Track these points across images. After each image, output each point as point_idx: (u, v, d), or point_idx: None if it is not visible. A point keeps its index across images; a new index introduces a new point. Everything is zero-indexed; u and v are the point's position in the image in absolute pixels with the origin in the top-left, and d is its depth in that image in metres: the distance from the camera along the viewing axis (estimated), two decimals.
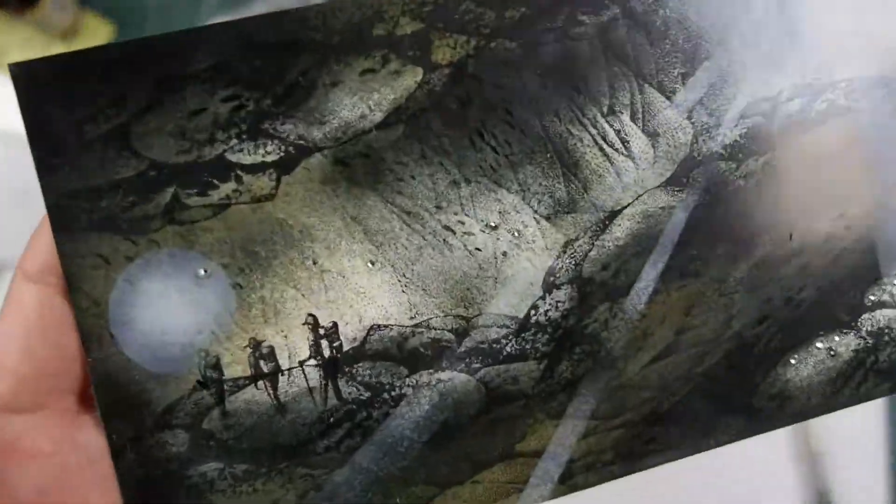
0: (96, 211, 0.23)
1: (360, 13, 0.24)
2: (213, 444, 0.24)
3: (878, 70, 0.29)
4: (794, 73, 0.28)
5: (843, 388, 0.29)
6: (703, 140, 0.27)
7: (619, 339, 0.27)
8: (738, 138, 0.27)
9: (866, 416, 0.61)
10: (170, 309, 0.24)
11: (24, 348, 0.23)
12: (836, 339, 0.29)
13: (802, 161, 0.28)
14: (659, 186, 0.27)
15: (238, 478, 0.25)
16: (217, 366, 0.24)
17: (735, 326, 0.28)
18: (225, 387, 0.24)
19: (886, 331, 0.29)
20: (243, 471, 0.25)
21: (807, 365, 0.29)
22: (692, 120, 0.27)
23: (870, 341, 0.29)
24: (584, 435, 0.27)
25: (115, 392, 0.24)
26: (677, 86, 0.27)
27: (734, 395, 0.28)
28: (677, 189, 0.27)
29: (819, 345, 0.29)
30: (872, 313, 0.29)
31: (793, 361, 0.28)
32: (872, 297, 0.29)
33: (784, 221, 0.28)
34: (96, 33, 0.69)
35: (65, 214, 0.23)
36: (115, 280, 0.24)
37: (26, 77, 0.23)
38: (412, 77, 0.25)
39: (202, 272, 0.24)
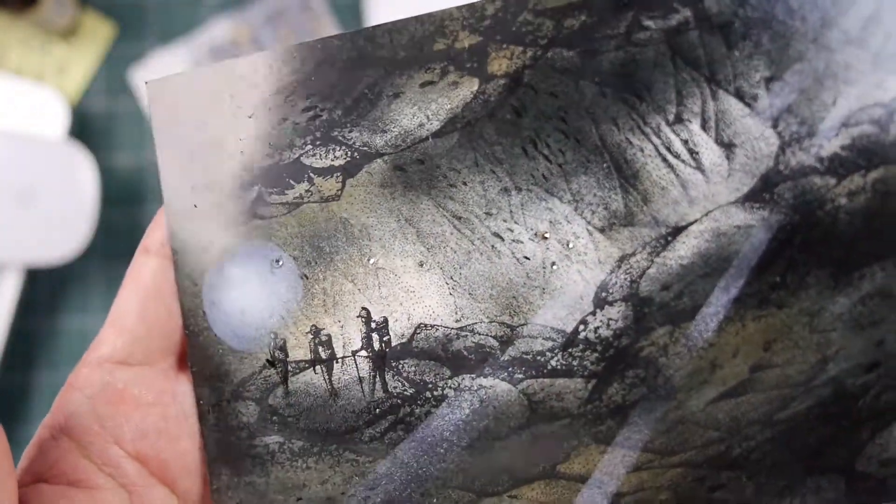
0: (201, 203, 0.28)
1: (423, 29, 0.26)
2: (275, 418, 0.27)
3: None
4: None
5: None
6: (793, 152, 0.24)
7: (681, 368, 0.24)
8: (838, 150, 0.24)
9: None
10: (249, 293, 0.27)
11: (140, 311, 0.27)
12: None
13: None
14: (734, 202, 0.24)
15: (294, 453, 0.27)
16: (284, 348, 0.27)
17: (831, 371, 0.24)
18: (289, 367, 0.27)
19: None
20: (299, 447, 0.27)
21: None
22: (778, 129, 0.24)
23: None
24: (635, 467, 0.25)
25: (203, 362, 0.27)
26: (759, 91, 0.24)
27: (831, 452, 0.24)
28: (757, 206, 0.24)
29: None
30: None
31: None
32: None
33: None
34: (96, 33, 0.70)
35: (177, 205, 0.28)
36: (208, 265, 0.28)
37: (154, 92, 0.28)
38: (468, 88, 0.26)
39: (277, 262, 0.27)
